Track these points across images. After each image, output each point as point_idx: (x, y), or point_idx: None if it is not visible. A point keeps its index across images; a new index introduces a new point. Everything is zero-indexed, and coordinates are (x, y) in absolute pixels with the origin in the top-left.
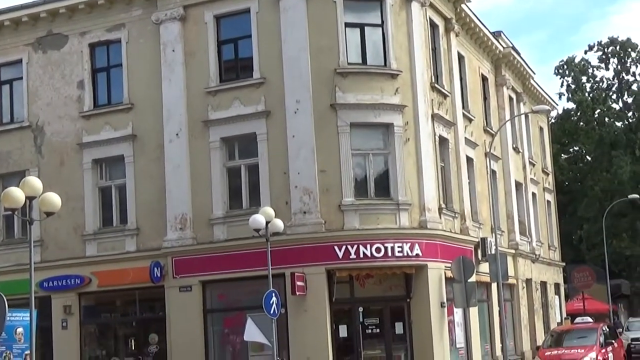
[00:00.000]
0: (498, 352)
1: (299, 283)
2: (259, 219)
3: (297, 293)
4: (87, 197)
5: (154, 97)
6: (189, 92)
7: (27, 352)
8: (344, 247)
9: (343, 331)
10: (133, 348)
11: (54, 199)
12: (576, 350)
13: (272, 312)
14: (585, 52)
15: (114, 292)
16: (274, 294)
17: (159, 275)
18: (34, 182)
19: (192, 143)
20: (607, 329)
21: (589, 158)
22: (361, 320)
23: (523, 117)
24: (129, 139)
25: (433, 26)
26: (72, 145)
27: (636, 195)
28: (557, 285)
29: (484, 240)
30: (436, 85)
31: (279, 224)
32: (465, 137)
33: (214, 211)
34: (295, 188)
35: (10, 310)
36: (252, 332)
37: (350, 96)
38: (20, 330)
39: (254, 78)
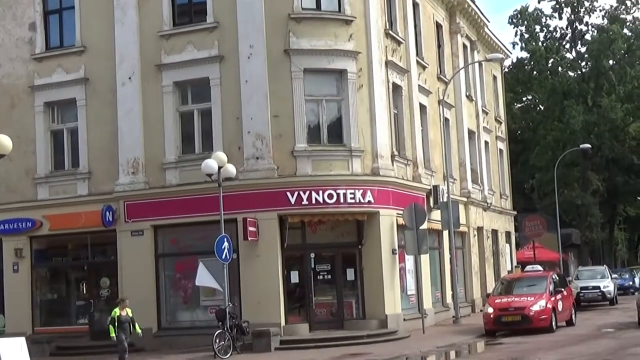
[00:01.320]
0: (449, 299)
1: (251, 228)
2: (211, 164)
3: (249, 238)
4: (38, 140)
5: (106, 40)
6: (142, 36)
7: None
8: (296, 193)
9: (294, 277)
10: (85, 292)
11: (5, 141)
12: (526, 298)
13: (223, 257)
14: (539, 2)
15: (66, 236)
16: (225, 239)
17: (110, 219)
18: None
19: (144, 87)
20: (557, 278)
21: (542, 107)
22: (313, 266)
23: (477, 65)
24: (81, 82)
25: None
26: (23, 87)
27: (587, 145)
28: (508, 234)
29: (436, 187)
30: (390, 32)
31: (231, 169)
32: (419, 85)
33: (167, 156)
34: (248, 133)
35: None
36: (204, 277)
37: (304, 42)
38: None
39: (208, 22)
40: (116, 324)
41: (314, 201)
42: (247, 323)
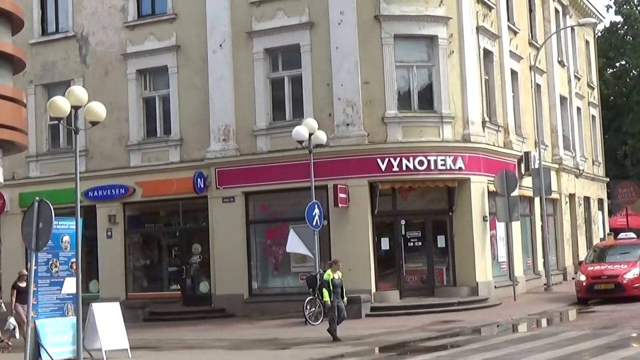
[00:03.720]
0: (540, 266)
1: (341, 195)
2: (301, 130)
3: (340, 205)
4: (131, 107)
5: (197, 7)
6: (232, 3)
7: (73, 260)
8: (386, 160)
9: (385, 244)
10: (176, 258)
11: (99, 108)
12: (619, 266)
13: (314, 223)
14: None
15: (158, 202)
16: (316, 206)
17: (202, 186)
18: (79, 91)
19: (235, 54)
20: None
21: (635, 72)
22: (403, 233)
23: (569, 30)
24: (172, 49)
25: None
26: (116, 55)
27: None
28: (600, 201)
29: (527, 154)
30: None
31: (321, 136)
32: (510, 50)
33: (257, 123)
34: (338, 100)
35: (57, 218)
36: (295, 244)
37: (395, 7)
38: (66, 238)
39: None
40: (330, 287)
41: (404, 168)
42: None
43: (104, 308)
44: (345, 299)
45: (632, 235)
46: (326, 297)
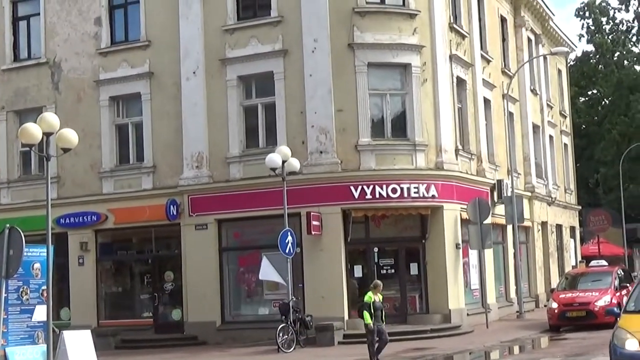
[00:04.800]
0: (512, 294)
1: (314, 222)
2: (275, 158)
3: (313, 232)
4: (104, 134)
5: (171, 34)
6: (206, 30)
7: (44, 287)
8: (360, 187)
9: (358, 271)
10: (148, 285)
11: (71, 135)
12: (590, 294)
13: (287, 251)
14: None
15: (130, 230)
16: (289, 233)
17: (175, 213)
18: (51, 118)
19: (209, 81)
20: (622, 273)
21: (607, 101)
22: (376, 260)
23: (541, 59)
24: (146, 76)
25: None
26: (89, 82)
27: None
28: (572, 229)
29: (500, 182)
30: (455, 25)
31: (295, 163)
32: (483, 79)
33: (231, 150)
34: (311, 127)
35: (27, 245)
36: (268, 271)
37: (368, 36)
38: (37, 265)
39: (272, 16)
40: (371, 310)
41: (377, 195)
42: (310, 317)
43: (75, 336)
44: (384, 320)
45: (604, 262)
46: (368, 320)
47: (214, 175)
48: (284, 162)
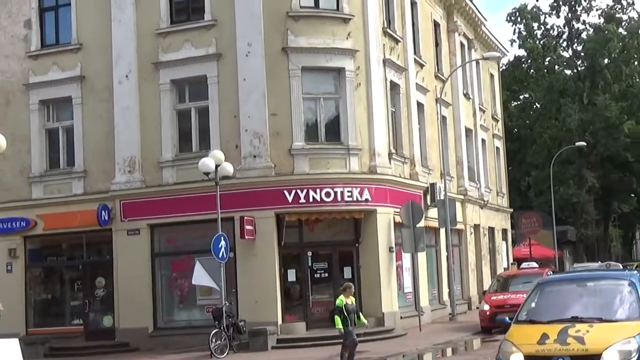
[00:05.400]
0: (445, 296)
1: (248, 227)
2: (208, 162)
3: (246, 237)
4: (33, 138)
5: (103, 37)
6: (139, 33)
7: None
8: (293, 192)
9: (292, 275)
10: (79, 291)
11: None
12: (522, 295)
13: (220, 256)
14: (537, 0)
15: (61, 235)
16: (222, 238)
17: (106, 218)
18: None
19: (141, 85)
20: (552, 274)
21: (538, 105)
22: (310, 264)
23: (474, 63)
24: (77, 80)
25: None
26: (18, 85)
27: (583, 143)
28: (504, 231)
29: (433, 185)
30: (388, 30)
31: (228, 167)
32: (417, 83)
33: (163, 154)
34: (245, 132)
35: None
36: (201, 276)
37: (302, 40)
38: None
39: (205, 20)
40: (343, 313)
41: (311, 199)
42: (243, 322)
43: (2, 344)
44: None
45: (535, 264)
46: (339, 325)
47: (147, 180)
48: (217, 166)
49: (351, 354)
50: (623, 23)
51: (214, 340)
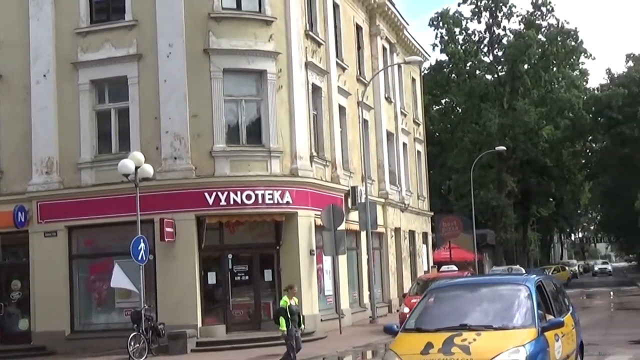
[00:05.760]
0: (366, 299)
1: (168, 229)
2: (128, 164)
3: (166, 239)
4: None
5: (20, 36)
6: (57, 32)
7: None
8: (214, 194)
9: (212, 278)
10: None
11: None
12: None
13: (139, 258)
14: (459, 5)
15: None
16: (142, 240)
17: (23, 220)
18: None
19: (60, 85)
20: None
21: (459, 110)
22: (230, 267)
23: (396, 67)
24: None
25: None
26: None
27: (503, 147)
28: (425, 234)
29: (354, 189)
30: (310, 33)
31: (148, 169)
32: (339, 86)
33: (82, 155)
34: (166, 133)
35: None
36: (119, 279)
37: (224, 41)
38: None
39: (126, 20)
40: (288, 315)
41: (232, 202)
42: (163, 325)
43: None
44: (303, 326)
45: (454, 268)
46: (283, 327)
47: (65, 181)
48: (137, 168)
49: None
50: (542, 29)
51: (132, 343)
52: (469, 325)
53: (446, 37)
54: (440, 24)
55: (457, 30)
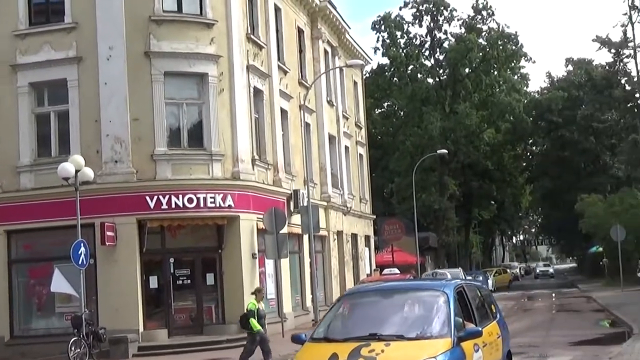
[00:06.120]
0: (308, 302)
1: (108, 233)
2: (68, 167)
3: (107, 243)
4: None
5: None
6: None
7: None
8: (155, 197)
9: (153, 282)
10: None
11: None
12: None
13: (80, 262)
14: (401, 9)
15: None
16: (82, 244)
17: None
18: None
19: None
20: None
21: (401, 113)
22: (172, 271)
23: (338, 71)
24: None
25: None
26: None
27: (444, 151)
28: (367, 237)
29: (296, 192)
30: (252, 36)
31: (88, 172)
32: (280, 89)
33: (21, 158)
34: (106, 136)
35: None
36: (60, 283)
37: (165, 44)
38: None
39: (66, 22)
40: (256, 318)
41: (173, 205)
42: (104, 330)
43: None
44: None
45: (396, 270)
46: (257, 327)
47: (3, 185)
48: (77, 171)
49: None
50: (483, 33)
51: (73, 348)
52: (378, 335)
53: (388, 41)
54: (382, 27)
55: (398, 33)
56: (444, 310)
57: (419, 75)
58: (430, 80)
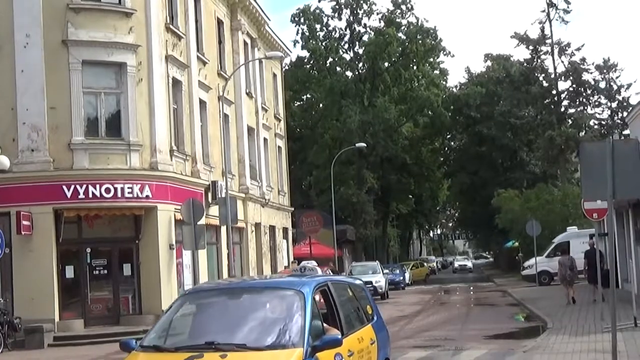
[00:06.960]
0: None
1: (24, 222)
2: None
3: (23, 232)
4: None
5: None
6: None
7: None
8: (72, 187)
9: (70, 272)
10: None
11: None
12: None
13: None
14: (320, 1)
15: None
16: None
17: None
18: None
19: None
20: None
21: (321, 106)
22: (89, 261)
23: (257, 62)
24: None
25: None
26: None
27: (363, 144)
28: (285, 230)
29: (214, 183)
30: (171, 26)
31: (4, 161)
32: (199, 80)
33: None
34: (23, 125)
35: None
36: None
37: (83, 33)
38: None
39: None
40: None
41: (90, 195)
42: (19, 319)
43: None
44: None
45: (314, 263)
46: None
47: None
48: None
49: None
50: (402, 27)
51: None
52: (215, 344)
53: (307, 34)
54: (302, 20)
55: (318, 26)
56: (298, 314)
57: (338, 69)
58: (349, 74)
